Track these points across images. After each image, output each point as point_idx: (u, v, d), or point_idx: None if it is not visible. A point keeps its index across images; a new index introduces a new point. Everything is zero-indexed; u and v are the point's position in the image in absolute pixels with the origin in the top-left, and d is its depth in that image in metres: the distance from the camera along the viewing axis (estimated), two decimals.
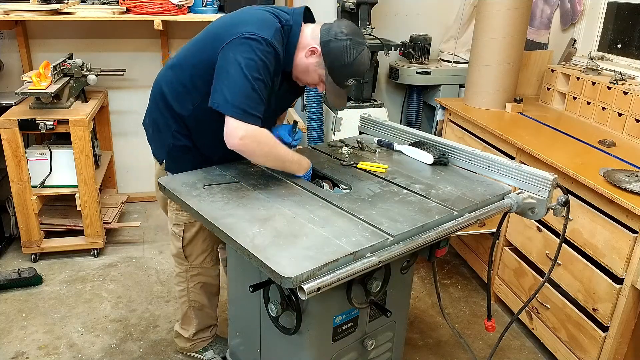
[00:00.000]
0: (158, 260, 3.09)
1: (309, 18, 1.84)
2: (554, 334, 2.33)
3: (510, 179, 1.79)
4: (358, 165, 1.93)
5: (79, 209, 2.96)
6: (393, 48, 3.20)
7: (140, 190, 3.79)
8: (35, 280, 2.79)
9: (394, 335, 1.86)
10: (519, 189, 1.75)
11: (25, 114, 2.79)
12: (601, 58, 3.09)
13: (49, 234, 3.09)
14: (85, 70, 3.05)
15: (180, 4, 3.08)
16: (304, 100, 3.36)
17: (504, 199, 1.72)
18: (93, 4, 3.28)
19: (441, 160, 1.97)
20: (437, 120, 3.38)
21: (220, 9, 3.27)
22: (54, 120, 2.77)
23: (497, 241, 2.66)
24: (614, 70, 2.76)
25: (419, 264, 3.04)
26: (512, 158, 2.54)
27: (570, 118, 2.90)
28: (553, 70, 3.08)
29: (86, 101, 3.07)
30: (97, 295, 2.76)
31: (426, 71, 3.53)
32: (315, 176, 1.88)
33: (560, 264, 2.23)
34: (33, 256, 3.02)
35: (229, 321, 2.02)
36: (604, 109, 2.70)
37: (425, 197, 1.69)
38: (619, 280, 1.97)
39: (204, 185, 1.70)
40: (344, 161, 1.97)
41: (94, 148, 2.99)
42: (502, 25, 2.86)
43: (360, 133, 2.34)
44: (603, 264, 2.03)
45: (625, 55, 3.01)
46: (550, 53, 3.30)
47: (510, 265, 2.62)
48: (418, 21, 3.76)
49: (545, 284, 1.98)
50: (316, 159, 1.98)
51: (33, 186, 2.89)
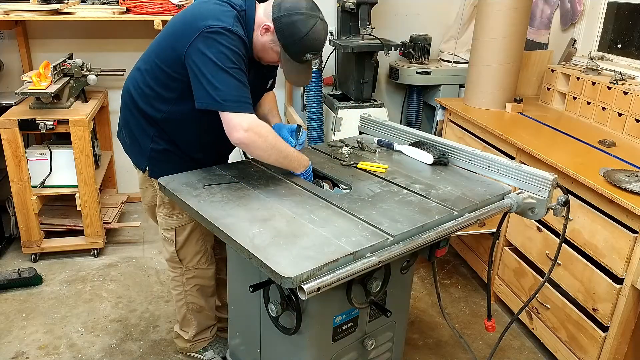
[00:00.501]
0: (158, 260, 3.09)
1: None
2: (554, 334, 2.33)
3: (510, 179, 1.79)
4: (358, 165, 1.93)
5: (79, 209, 2.96)
6: (393, 48, 3.20)
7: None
8: (35, 280, 2.79)
9: (394, 335, 1.86)
10: (519, 189, 1.75)
11: (25, 114, 2.79)
12: (601, 58, 3.09)
13: (49, 234, 3.10)
14: (85, 70, 3.05)
15: (180, 4, 3.08)
16: (304, 100, 3.36)
17: (504, 199, 1.72)
18: (93, 4, 3.28)
19: (441, 160, 1.97)
20: (437, 120, 3.38)
21: None
22: (54, 120, 2.77)
23: (497, 241, 2.66)
24: (614, 70, 2.76)
25: (419, 264, 3.04)
26: (512, 158, 2.54)
27: (571, 118, 2.90)
28: (553, 70, 3.08)
29: (86, 101, 3.07)
30: (97, 295, 2.76)
31: (426, 71, 3.53)
32: (316, 176, 1.88)
33: (560, 264, 2.23)
34: (33, 256, 3.02)
35: (229, 321, 2.02)
36: (604, 109, 2.70)
37: (425, 197, 1.69)
38: (619, 280, 1.97)
39: (204, 185, 1.70)
40: (344, 161, 1.97)
41: (94, 148, 2.99)
42: (502, 25, 2.85)
43: (360, 133, 2.34)
44: (603, 264, 2.03)
45: (625, 55, 3.01)
46: (550, 53, 3.30)
47: (510, 265, 2.62)
48: (418, 21, 3.76)
49: (545, 284, 1.98)
50: (316, 159, 1.98)
51: (33, 186, 2.89)
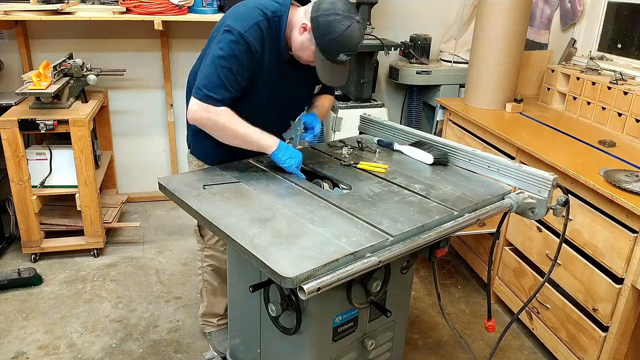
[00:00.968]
0: (158, 260, 3.09)
1: (305, 2, 1.87)
2: (554, 334, 2.33)
3: (510, 179, 1.79)
4: (358, 165, 1.93)
5: (79, 209, 2.96)
6: (393, 48, 3.20)
7: (140, 190, 3.79)
8: (35, 280, 2.79)
9: (394, 335, 1.86)
10: (519, 189, 1.75)
11: (25, 114, 2.79)
12: (601, 58, 3.09)
13: (49, 234, 3.09)
14: (85, 70, 3.05)
15: (180, 4, 3.08)
16: None
17: (504, 199, 1.72)
18: (93, 4, 3.28)
19: (441, 160, 1.97)
20: (437, 120, 3.38)
21: (220, 9, 3.26)
22: (54, 120, 2.77)
23: (497, 241, 2.67)
24: (614, 70, 2.76)
25: (419, 264, 3.04)
26: (512, 158, 2.54)
27: (571, 118, 2.90)
28: (553, 70, 3.08)
29: (86, 101, 3.07)
30: (97, 295, 2.76)
31: (426, 71, 3.53)
32: (316, 176, 1.88)
33: (560, 264, 2.23)
34: (33, 256, 3.02)
35: (229, 321, 2.02)
36: (604, 109, 2.70)
37: (425, 197, 1.69)
38: (619, 280, 1.97)
39: (204, 185, 1.70)
40: (344, 161, 1.97)
41: (94, 148, 2.99)
42: (502, 25, 2.85)
43: (360, 133, 2.34)
44: (603, 264, 2.03)
45: (625, 55, 3.01)
46: (550, 53, 3.30)
47: (510, 265, 2.62)
48: (418, 21, 3.76)
49: (545, 284, 1.98)
50: (316, 159, 1.98)
51: (33, 186, 2.89)
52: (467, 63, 3.23)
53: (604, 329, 2.05)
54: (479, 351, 2.47)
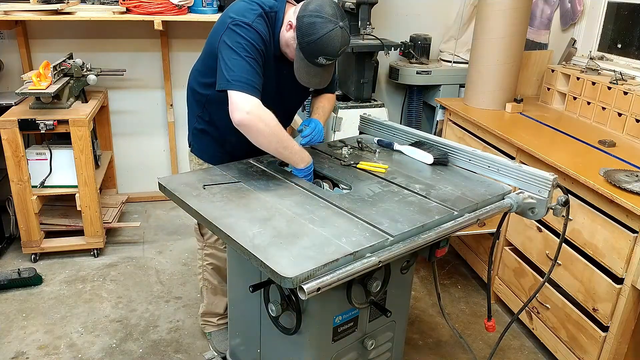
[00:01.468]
0: (158, 260, 3.10)
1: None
2: (554, 334, 2.33)
3: (510, 179, 1.79)
4: (358, 165, 1.93)
5: (79, 209, 2.96)
6: (393, 48, 3.20)
7: (140, 190, 3.80)
8: (35, 280, 2.79)
9: (394, 335, 1.85)
10: (519, 189, 1.75)
11: (26, 114, 2.79)
12: (601, 58, 3.09)
13: (49, 234, 3.10)
14: (85, 70, 3.05)
15: (180, 4, 3.09)
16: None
17: (504, 199, 1.72)
18: (93, 4, 3.28)
19: (441, 160, 1.97)
20: (437, 120, 3.38)
21: (220, 9, 3.27)
22: (54, 120, 2.77)
23: (497, 241, 2.66)
24: (614, 70, 2.76)
25: (419, 264, 3.04)
26: (512, 158, 2.54)
27: (571, 118, 2.90)
28: (553, 70, 3.08)
29: (86, 101, 3.07)
30: (97, 295, 2.76)
31: (426, 71, 3.53)
32: (316, 176, 1.88)
33: (560, 264, 2.23)
34: (33, 256, 3.02)
35: (229, 321, 2.02)
36: (604, 109, 2.70)
37: (425, 197, 1.69)
38: (619, 280, 1.97)
39: (204, 185, 1.70)
40: (344, 161, 1.97)
41: (94, 148, 2.99)
42: (502, 25, 2.85)
43: (360, 133, 2.34)
44: (603, 264, 2.03)
45: (625, 55, 3.01)
46: (550, 53, 3.30)
47: (510, 265, 2.62)
48: (418, 21, 3.76)
49: (545, 284, 1.98)
50: (316, 159, 1.98)
51: (33, 186, 2.89)
52: (467, 63, 3.23)
53: (604, 329, 2.05)
54: (479, 351, 2.47)
